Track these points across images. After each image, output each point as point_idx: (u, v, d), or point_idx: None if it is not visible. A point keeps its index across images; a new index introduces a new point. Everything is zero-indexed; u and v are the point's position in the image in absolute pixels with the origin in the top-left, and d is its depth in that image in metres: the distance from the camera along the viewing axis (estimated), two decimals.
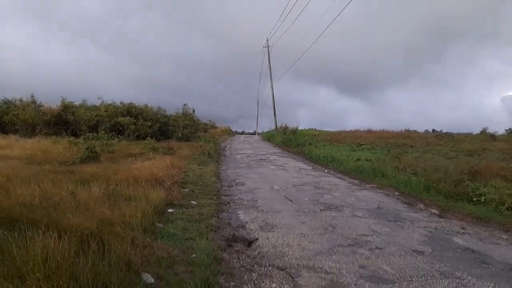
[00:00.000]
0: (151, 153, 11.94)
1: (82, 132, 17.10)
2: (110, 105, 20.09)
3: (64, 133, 17.18)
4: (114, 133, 16.87)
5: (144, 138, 17.10)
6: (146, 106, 21.02)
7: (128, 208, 4.55)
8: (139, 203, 4.88)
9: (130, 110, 19.71)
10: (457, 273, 3.72)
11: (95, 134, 14.73)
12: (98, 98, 20.57)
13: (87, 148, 9.96)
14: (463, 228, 5.58)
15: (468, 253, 4.42)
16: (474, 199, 7.06)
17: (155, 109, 21.41)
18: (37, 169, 7.36)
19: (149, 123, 19.31)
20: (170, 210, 5.48)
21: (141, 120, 19.16)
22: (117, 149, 12.43)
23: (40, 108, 19.61)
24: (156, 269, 3.25)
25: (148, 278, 3.04)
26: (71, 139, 13.27)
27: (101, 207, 4.38)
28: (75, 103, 20.38)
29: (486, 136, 20.56)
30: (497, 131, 22.68)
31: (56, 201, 4.54)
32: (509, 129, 26.92)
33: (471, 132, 24.26)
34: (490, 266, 3.98)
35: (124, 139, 17.06)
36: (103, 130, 16.96)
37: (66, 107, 19.57)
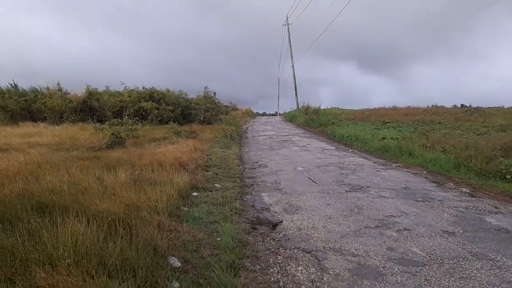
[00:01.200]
0: (174, 137, 12.07)
1: (107, 118, 17.50)
2: (133, 90, 20.33)
3: (90, 120, 17.65)
4: (137, 118, 17.14)
5: (167, 123, 17.30)
6: (167, 90, 21.14)
7: (153, 192, 4.60)
8: (164, 187, 4.94)
9: (152, 95, 19.89)
10: (490, 255, 3.57)
11: (119, 120, 15.01)
12: (121, 84, 20.91)
13: (112, 134, 10.15)
14: (496, 207, 5.35)
15: (502, 233, 4.24)
16: (508, 176, 6.75)
17: (177, 93, 21.50)
18: (65, 156, 7.57)
19: (171, 107, 19.47)
20: (194, 194, 5.53)
21: (164, 105, 19.34)
22: (141, 134, 12.62)
23: (66, 95, 20.10)
24: (182, 253, 3.29)
25: (175, 262, 3.07)
26: (96, 125, 13.60)
27: (127, 192, 4.45)
28: (99, 90, 20.76)
29: None
30: None
31: (84, 187, 4.65)
32: None
33: (503, 106, 23.09)
34: None
35: (147, 123, 17.28)
36: (127, 115, 17.23)
37: (91, 93, 19.97)
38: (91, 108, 19.67)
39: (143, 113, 18.82)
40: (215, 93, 22.56)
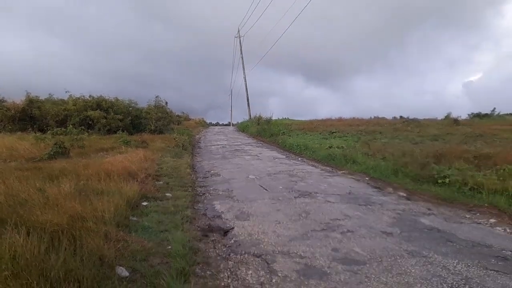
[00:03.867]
0: (123, 147, 11.68)
1: (49, 127, 16.37)
2: (79, 98, 19.33)
3: (30, 129, 16.41)
4: (83, 127, 16.31)
5: (115, 132, 16.65)
6: (116, 99, 20.39)
7: (100, 202, 4.44)
8: (111, 197, 4.78)
9: (100, 104, 19.06)
10: (424, 252, 3.93)
11: (63, 129, 14.18)
12: (66, 92, 19.77)
13: (55, 144, 9.59)
14: (429, 209, 5.85)
15: (434, 232, 4.66)
16: (439, 181, 7.38)
17: (127, 102, 20.83)
18: (2, 166, 7.03)
19: (120, 117, 18.80)
20: (144, 203, 5.42)
21: (112, 114, 18.61)
22: (88, 144, 12.05)
23: (3, 103, 18.61)
24: (130, 262, 3.23)
25: (123, 271, 3.02)
26: (37, 134, 12.74)
27: (72, 202, 4.25)
28: (40, 98, 19.46)
29: (450, 121, 21.43)
30: (460, 116, 23.79)
31: (23, 198, 4.37)
32: (471, 113, 28.52)
33: (436, 118, 25.25)
34: (455, 244, 4.21)
35: (94, 133, 16.54)
36: (72, 124, 16.30)
37: (32, 101, 18.63)
38: (31, 117, 18.32)
39: (90, 122, 17.96)
40: (166, 103, 22.15)
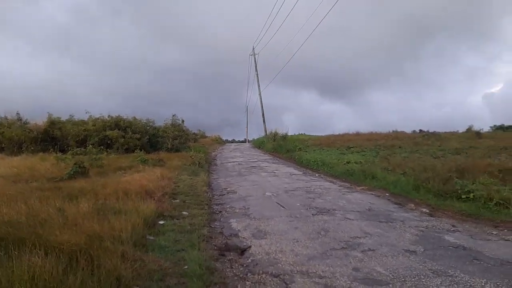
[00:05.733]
0: (140, 165, 11.82)
1: (70, 147, 16.81)
2: (98, 119, 19.84)
3: (52, 150, 16.86)
4: (102, 147, 16.65)
5: (133, 151, 16.90)
6: (134, 118, 20.83)
7: (117, 221, 4.47)
8: (129, 216, 4.81)
9: (118, 123, 19.50)
10: (449, 271, 3.75)
11: (83, 149, 14.50)
12: (86, 113, 20.35)
13: (75, 164, 9.80)
14: (453, 226, 5.64)
15: (460, 250, 4.47)
16: (463, 196, 7.14)
17: (144, 121, 21.22)
18: (23, 187, 7.21)
19: (138, 136, 19.11)
20: (161, 222, 5.42)
21: (130, 133, 18.96)
22: (106, 163, 12.26)
23: (26, 125, 19.28)
24: (147, 283, 3.20)
25: None
26: (58, 155, 13.07)
27: (90, 222, 4.30)
28: (61, 119, 20.09)
29: (472, 134, 20.89)
30: (482, 129, 23.18)
31: (43, 218, 4.44)
32: (494, 125, 27.71)
33: (457, 131, 24.65)
34: (482, 262, 4.02)
35: (113, 152, 16.82)
36: (91, 144, 16.69)
37: (53, 123, 19.26)
38: (53, 137, 18.88)
39: (108, 141, 18.32)
40: (183, 121, 22.46)
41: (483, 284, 3.42)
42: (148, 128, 20.98)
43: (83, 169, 9.77)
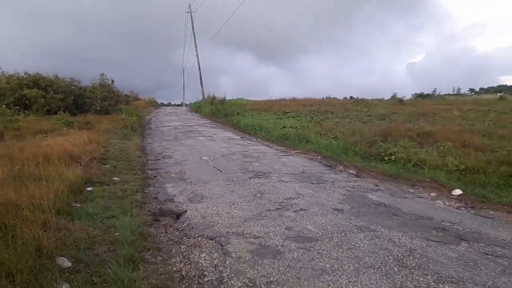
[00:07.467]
0: (64, 128, 10.90)
1: None
2: (12, 76, 17.63)
3: None
4: (19, 107, 15.00)
5: (56, 113, 15.48)
6: (56, 76, 18.87)
7: (38, 189, 4.07)
8: (51, 182, 4.41)
9: (37, 82, 17.50)
10: (372, 227, 4.09)
11: None
12: None
13: None
14: (376, 185, 6.13)
15: (381, 207, 4.88)
16: (386, 158, 7.74)
17: (68, 80, 19.37)
18: None
19: (61, 96, 17.45)
20: (89, 189, 5.09)
21: (52, 93, 17.21)
22: (24, 126, 11.11)
23: None
24: (73, 252, 3.00)
25: (64, 262, 2.80)
26: None
27: (4, 189, 3.87)
28: None
29: (396, 101, 22.59)
30: (405, 96, 25.17)
31: None
32: (415, 93, 30.55)
33: (383, 98, 26.55)
34: (400, 218, 4.44)
35: (32, 114, 15.33)
36: (6, 104, 14.89)
37: None
38: None
39: (27, 102, 16.51)
40: (113, 81, 20.96)
41: (400, 237, 3.79)
42: (73, 88, 19.24)
43: None
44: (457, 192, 5.60)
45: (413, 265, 3.12)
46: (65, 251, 2.99)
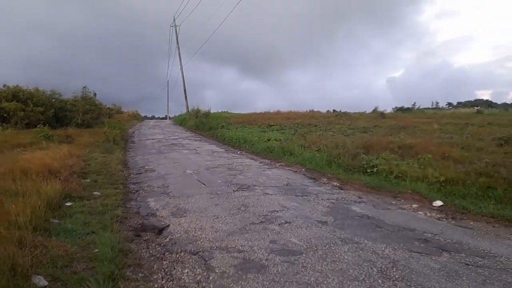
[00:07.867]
0: (44, 142, 10.63)
1: None
2: None
3: None
4: None
5: (35, 126, 15.15)
6: (36, 89, 18.50)
7: (14, 205, 3.93)
8: (28, 198, 4.27)
9: (16, 95, 17.12)
10: (355, 239, 4.11)
11: None
12: None
13: None
14: (359, 197, 6.18)
15: (365, 219, 4.92)
16: (368, 170, 7.85)
17: (49, 93, 19.02)
18: None
19: (41, 109, 17.09)
20: (68, 204, 4.95)
21: (32, 106, 16.85)
22: (2, 139, 10.80)
23: None
24: (50, 270, 2.89)
25: (40, 280, 2.69)
26: None
27: None
28: None
29: (377, 114, 23.03)
30: (386, 109, 25.73)
31: None
32: (396, 107, 31.35)
33: (365, 111, 27.04)
34: (383, 229, 4.47)
35: (10, 127, 14.93)
36: None
37: None
38: None
39: (5, 115, 16.09)
40: (95, 94, 20.68)
41: (383, 248, 3.81)
42: (54, 100, 18.89)
43: None
44: (438, 203, 5.71)
45: (397, 276, 3.14)
46: (42, 269, 2.88)
